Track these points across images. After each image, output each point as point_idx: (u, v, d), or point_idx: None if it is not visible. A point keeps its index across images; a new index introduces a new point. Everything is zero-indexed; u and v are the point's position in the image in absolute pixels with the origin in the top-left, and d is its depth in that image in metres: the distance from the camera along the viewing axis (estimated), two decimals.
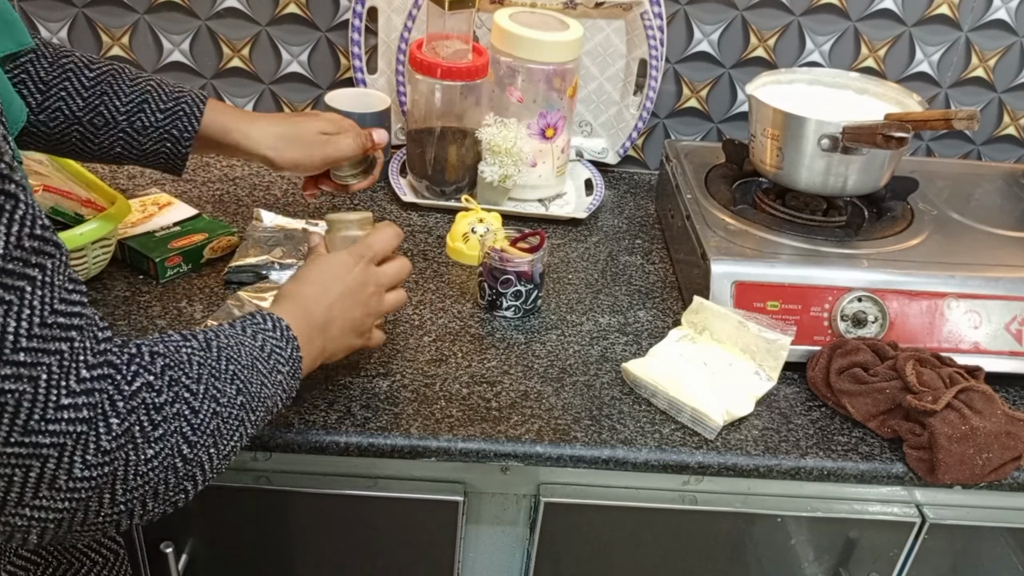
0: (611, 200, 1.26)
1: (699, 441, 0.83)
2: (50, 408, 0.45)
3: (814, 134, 0.98)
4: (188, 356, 0.56)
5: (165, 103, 0.82)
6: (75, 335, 0.47)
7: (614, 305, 1.02)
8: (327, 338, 0.73)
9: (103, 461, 0.48)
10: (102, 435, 0.47)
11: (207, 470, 0.56)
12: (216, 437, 0.56)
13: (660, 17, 1.20)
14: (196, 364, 0.56)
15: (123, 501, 0.50)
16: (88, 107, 0.79)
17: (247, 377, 0.60)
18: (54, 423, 0.45)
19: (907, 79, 1.28)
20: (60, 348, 0.46)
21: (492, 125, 1.12)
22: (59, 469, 0.46)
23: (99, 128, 0.81)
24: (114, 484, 0.49)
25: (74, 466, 0.46)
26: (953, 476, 0.80)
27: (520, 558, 0.94)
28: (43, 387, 0.45)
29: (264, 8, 1.22)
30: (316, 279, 0.75)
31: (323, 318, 0.73)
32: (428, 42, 1.11)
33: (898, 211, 1.08)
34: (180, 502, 0.55)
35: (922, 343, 0.93)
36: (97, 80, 0.80)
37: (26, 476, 0.45)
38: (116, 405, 0.48)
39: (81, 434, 0.46)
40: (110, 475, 0.48)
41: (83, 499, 0.48)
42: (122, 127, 0.81)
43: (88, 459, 0.47)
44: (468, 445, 0.80)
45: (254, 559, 0.91)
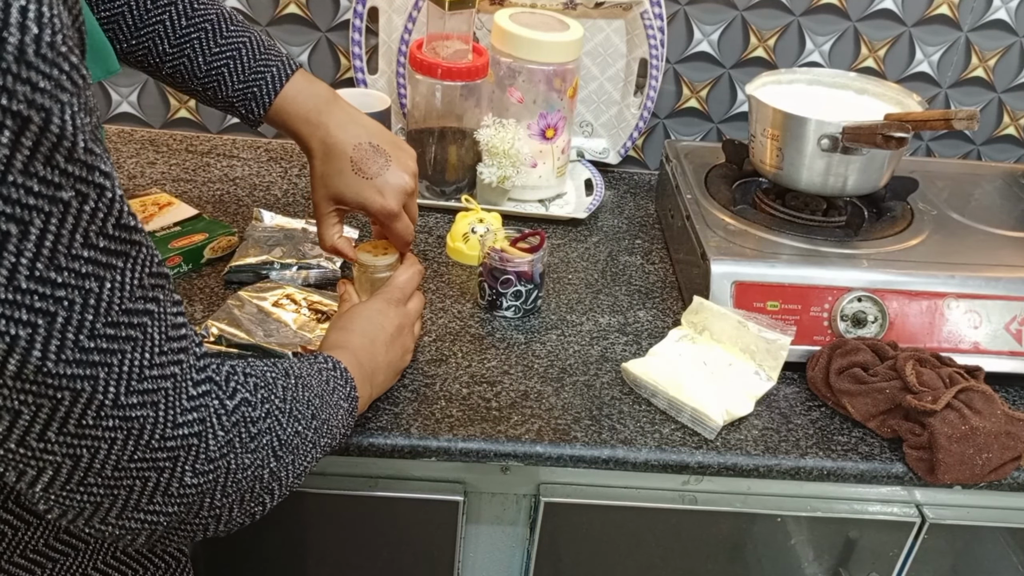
0: (611, 200, 1.26)
1: (699, 441, 0.83)
2: (168, 427, 0.48)
3: (814, 134, 0.98)
4: (273, 379, 0.59)
5: (244, 74, 0.81)
6: (183, 357, 0.49)
7: (614, 305, 1.02)
8: (374, 384, 0.78)
9: (209, 468, 0.51)
10: (211, 445, 0.51)
11: (283, 485, 0.59)
12: (296, 455, 0.60)
13: (660, 17, 1.20)
14: (281, 387, 0.59)
15: (219, 506, 0.53)
16: (169, 61, 0.80)
17: (320, 405, 0.64)
18: (171, 439, 0.48)
19: (907, 79, 1.28)
20: (174, 372, 0.48)
21: (490, 126, 1.12)
22: (172, 478, 0.49)
23: (177, 83, 0.82)
24: (215, 490, 0.52)
25: (185, 474, 0.50)
26: (953, 476, 0.80)
27: (520, 558, 0.94)
28: (162, 409, 0.47)
29: (264, 8, 1.22)
30: (360, 329, 0.78)
31: (371, 366, 0.76)
32: (428, 42, 1.11)
33: (898, 211, 1.08)
34: (257, 514, 0.58)
35: (922, 343, 0.93)
36: (185, 37, 0.80)
37: (144, 485, 0.48)
38: (220, 418, 0.51)
39: (192, 446, 0.49)
40: (213, 481, 0.52)
41: (190, 504, 0.51)
42: (196, 89, 0.82)
43: (198, 467, 0.50)
44: (468, 445, 0.80)
45: (254, 559, 0.91)
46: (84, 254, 0.41)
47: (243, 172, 1.22)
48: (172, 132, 1.30)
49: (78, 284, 0.41)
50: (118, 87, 1.27)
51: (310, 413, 0.62)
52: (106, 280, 0.43)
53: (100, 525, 0.49)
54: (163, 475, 0.49)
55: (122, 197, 0.43)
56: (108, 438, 0.45)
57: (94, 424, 0.44)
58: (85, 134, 0.40)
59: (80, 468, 0.45)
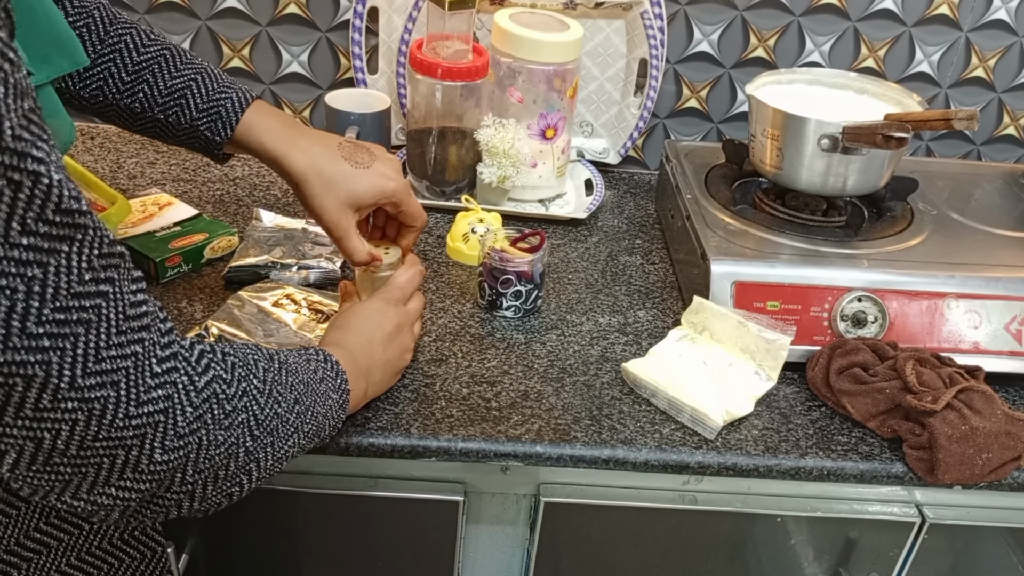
0: (611, 200, 1.26)
1: (699, 441, 0.83)
2: (132, 405, 0.48)
3: (814, 134, 0.98)
4: (255, 361, 0.59)
5: (204, 101, 0.80)
6: (145, 335, 0.49)
7: (614, 305, 1.02)
8: (370, 382, 0.77)
9: (179, 445, 0.51)
10: (179, 421, 0.50)
11: (262, 467, 0.59)
12: (275, 436, 0.59)
13: (660, 17, 1.20)
14: (262, 369, 0.59)
15: (191, 482, 0.53)
16: (128, 91, 0.79)
17: (304, 391, 0.63)
18: (136, 418, 0.48)
19: (907, 79, 1.28)
20: (135, 351, 0.48)
21: (490, 126, 1.12)
22: (141, 455, 0.49)
23: (136, 113, 0.80)
24: (186, 465, 0.52)
25: (155, 451, 0.50)
26: (953, 476, 0.80)
27: (520, 558, 0.94)
28: (124, 389, 0.47)
29: (264, 8, 1.22)
30: (357, 328, 0.78)
31: (367, 363, 0.76)
32: (428, 42, 1.11)
33: (898, 211, 1.08)
34: (235, 495, 0.58)
35: (922, 343, 0.93)
36: (143, 65, 0.79)
37: (112, 463, 0.48)
38: (189, 394, 0.51)
39: (159, 423, 0.49)
40: (184, 457, 0.52)
41: (160, 479, 0.51)
42: (157, 117, 0.80)
43: (167, 443, 0.50)
44: (468, 445, 0.80)
45: (254, 559, 0.91)
46: (23, 242, 0.41)
47: (243, 172, 1.22)
48: None
49: (19, 272, 0.41)
50: None
51: (293, 397, 0.61)
52: (50, 266, 0.42)
53: (72, 500, 0.50)
54: (131, 452, 0.49)
55: (61, 181, 0.42)
56: (69, 419, 0.45)
57: (52, 407, 0.44)
58: (13, 120, 0.39)
59: (43, 449, 0.46)
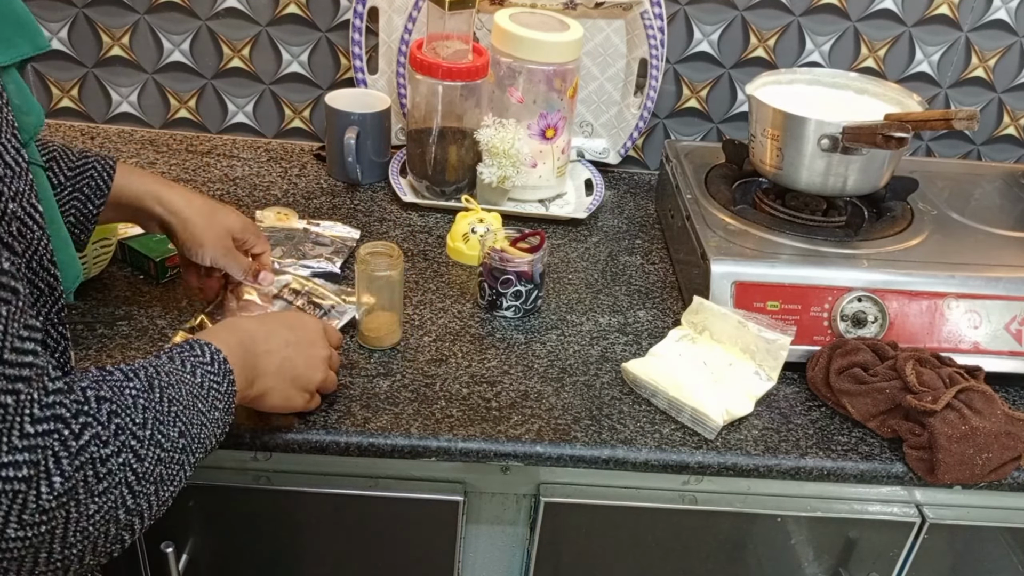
0: (611, 200, 1.26)
1: (699, 441, 0.83)
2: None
3: (814, 134, 0.98)
4: (133, 399, 0.54)
5: (74, 162, 0.78)
6: (22, 387, 0.44)
7: (614, 305, 1.02)
8: (260, 373, 0.72)
9: (40, 520, 0.45)
10: (43, 494, 0.45)
11: (146, 517, 0.55)
12: (158, 484, 0.55)
13: (660, 17, 1.20)
14: (141, 408, 0.54)
15: (60, 558, 0.48)
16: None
17: (188, 418, 0.59)
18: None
19: (907, 79, 1.28)
20: (5, 401, 0.43)
21: (491, 126, 1.12)
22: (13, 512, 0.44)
23: None
24: (51, 543, 0.47)
25: (8, 526, 0.44)
26: (953, 476, 0.80)
27: (520, 558, 0.94)
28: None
29: (264, 8, 1.22)
30: (266, 320, 0.75)
31: (261, 350, 0.71)
32: (428, 42, 1.11)
33: (898, 211, 1.08)
34: (116, 551, 0.53)
35: (922, 343, 0.93)
36: None
37: None
38: (61, 462, 0.46)
39: (19, 493, 0.44)
40: (47, 534, 0.46)
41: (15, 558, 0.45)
42: None
43: (25, 519, 0.44)
44: (468, 445, 0.80)
45: (254, 559, 0.91)
46: None
47: (243, 172, 1.22)
48: (172, 132, 1.30)
49: None
50: (118, 87, 1.27)
51: (176, 431, 0.57)
52: None
53: None
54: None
55: None
56: None
57: None
58: None
59: None
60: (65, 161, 0.78)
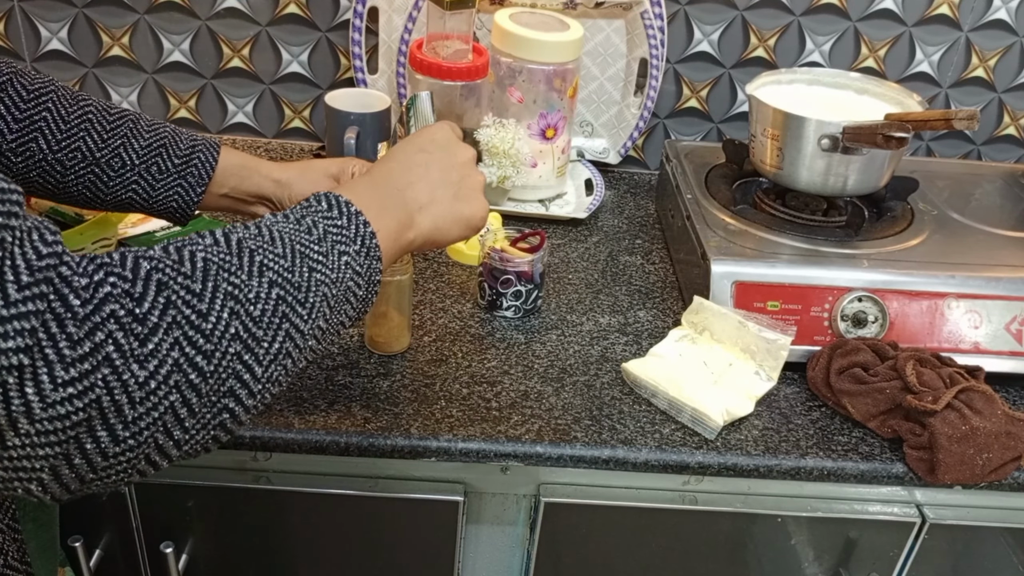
0: (611, 200, 1.26)
1: (699, 441, 0.83)
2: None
3: (814, 134, 0.98)
4: (191, 254, 0.47)
5: (181, 150, 0.81)
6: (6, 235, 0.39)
7: (614, 305, 1.02)
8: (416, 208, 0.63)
9: (67, 395, 0.41)
10: (54, 363, 0.40)
11: (247, 380, 0.48)
12: (246, 341, 0.47)
13: (660, 17, 1.20)
14: (201, 261, 0.47)
15: (129, 435, 0.43)
16: (107, 148, 0.78)
17: (284, 267, 0.51)
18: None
19: (907, 79, 1.28)
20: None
21: (490, 126, 1.12)
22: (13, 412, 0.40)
23: (115, 170, 0.79)
24: (104, 416, 0.42)
25: (31, 407, 0.40)
26: (953, 476, 0.80)
27: (520, 558, 0.94)
28: None
29: (264, 8, 1.22)
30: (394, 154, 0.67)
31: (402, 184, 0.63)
32: (428, 42, 1.11)
33: (898, 211, 1.08)
34: (227, 423, 0.48)
35: (922, 343, 0.93)
36: (116, 124, 0.79)
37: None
38: (65, 326, 0.40)
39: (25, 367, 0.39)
40: (89, 406, 0.41)
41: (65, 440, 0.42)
42: (139, 171, 0.79)
43: (46, 395, 0.40)
44: (468, 445, 0.80)
45: (254, 559, 0.91)
46: None
47: None
48: None
49: None
50: (118, 87, 1.27)
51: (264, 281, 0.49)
52: None
53: None
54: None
55: None
56: None
57: None
58: None
59: None
60: (174, 148, 0.80)
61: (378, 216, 0.59)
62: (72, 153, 0.77)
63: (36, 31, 1.21)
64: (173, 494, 0.85)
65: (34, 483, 0.43)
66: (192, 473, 0.85)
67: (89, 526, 0.87)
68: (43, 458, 0.42)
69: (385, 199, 0.62)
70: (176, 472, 0.84)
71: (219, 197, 0.83)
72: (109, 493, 0.85)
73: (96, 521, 0.87)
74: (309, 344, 0.53)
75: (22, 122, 0.74)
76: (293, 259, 0.52)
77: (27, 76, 0.76)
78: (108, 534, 0.88)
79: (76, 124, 0.77)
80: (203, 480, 0.84)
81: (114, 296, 0.42)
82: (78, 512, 0.86)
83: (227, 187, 0.82)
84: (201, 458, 0.84)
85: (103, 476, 0.45)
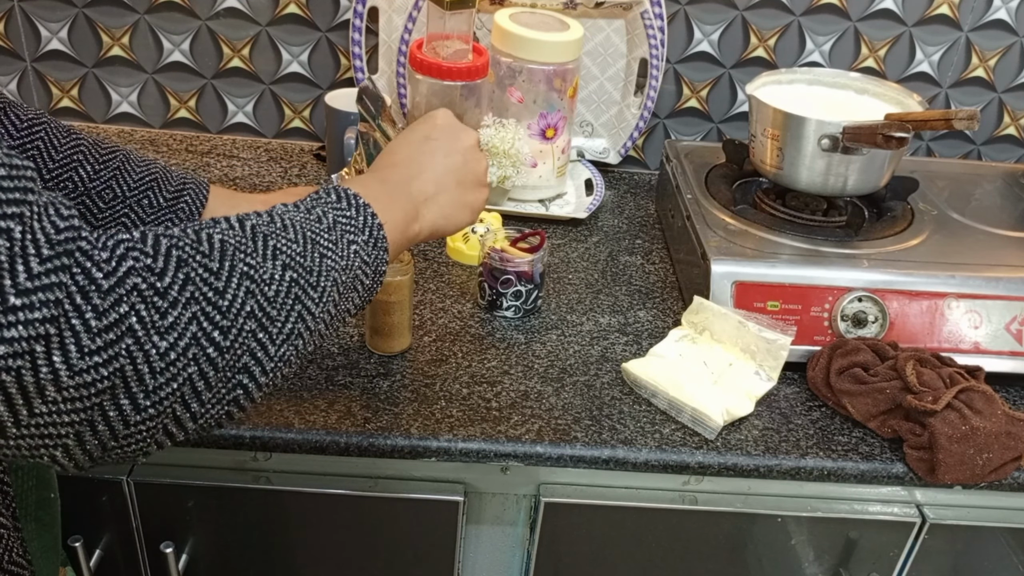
0: (611, 200, 1.26)
1: (699, 441, 0.83)
2: None
3: (814, 134, 0.98)
4: (208, 236, 0.48)
5: (173, 185, 0.82)
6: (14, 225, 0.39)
7: (614, 305, 1.02)
8: (422, 200, 0.65)
9: (93, 364, 0.42)
10: (80, 333, 0.41)
11: (261, 357, 0.50)
12: (260, 320, 0.49)
13: (660, 17, 1.20)
14: (218, 242, 0.48)
15: (150, 404, 0.45)
16: (99, 179, 0.79)
17: (297, 252, 0.53)
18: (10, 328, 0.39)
19: (907, 79, 1.28)
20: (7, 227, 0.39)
21: (491, 126, 1.12)
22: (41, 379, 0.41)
23: (106, 202, 0.80)
24: (127, 384, 0.44)
25: (59, 374, 0.41)
26: (953, 476, 0.80)
27: (520, 558, 0.94)
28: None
29: (264, 8, 1.22)
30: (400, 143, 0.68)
31: (409, 176, 0.65)
32: (428, 42, 1.11)
33: (898, 211, 1.08)
34: (241, 398, 0.50)
35: (922, 343, 0.93)
36: (109, 157, 0.80)
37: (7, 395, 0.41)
38: (90, 297, 0.42)
39: (52, 336, 0.40)
40: (114, 374, 0.43)
41: (90, 406, 0.43)
42: (129, 204, 0.80)
43: (73, 363, 0.41)
44: (468, 445, 0.80)
45: (254, 559, 0.91)
46: None
47: (243, 172, 1.22)
48: (172, 132, 1.30)
49: None
50: (118, 87, 1.27)
51: (279, 264, 0.51)
52: None
53: None
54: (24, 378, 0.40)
55: None
56: None
57: None
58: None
59: None
60: (165, 184, 0.82)
61: (385, 209, 0.61)
62: (64, 183, 0.78)
63: (36, 31, 1.21)
64: (173, 494, 0.85)
65: (59, 449, 0.44)
66: (192, 473, 0.85)
67: (89, 526, 0.87)
68: (69, 424, 0.43)
69: (392, 192, 0.63)
70: (176, 472, 0.84)
71: None
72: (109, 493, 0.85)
73: (96, 521, 0.87)
74: (319, 327, 0.54)
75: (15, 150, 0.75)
76: (305, 245, 0.53)
77: (20, 108, 0.76)
78: (108, 534, 0.88)
79: (69, 155, 0.78)
80: (203, 480, 0.84)
81: (136, 270, 0.44)
82: (78, 512, 0.86)
83: None
84: (201, 458, 0.84)
85: (124, 444, 0.46)
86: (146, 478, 0.84)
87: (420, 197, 0.66)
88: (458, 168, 0.69)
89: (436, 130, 0.70)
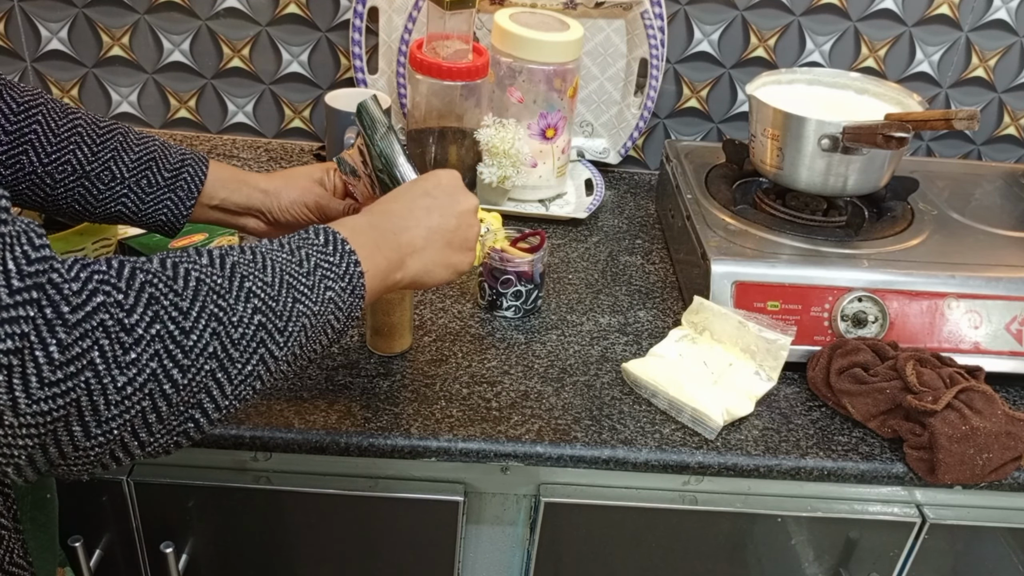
0: (611, 200, 1.26)
1: (699, 441, 0.83)
2: None
3: (814, 134, 0.98)
4: (185, 272, 0.49)
5: (171, 163, 0.81)
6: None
7: (614, 305, 1.02)
8: (409, 251, 0.66)
9: (51, 394, 0.43)
10: (42, 365, 0.42)
11: (216, 396, 0.51)
12: (221, 361, 0.50)
13: (660, 17, 1.20)
14: (194, 280, 0.49)
15: (101, 433, 0.46)
16: (98, 161, 0.78)
17: (271, 295, 0.53)
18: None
19: (907, 79, 1.28)
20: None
21: (491, 126, 1.12)
22: None
23: (105, 183, 0.79)
24: (82, 414, 0.44)
25: (18, 402, 0.42)
26: (953, 476, 0.80)
27: (520, 558, 0.94)
28: None
29: (264, 8, 1.22)
30: (401, 194, 0.70)
31: (400, 227, 0.66)
32: (428, 42, 1.11)
33: (898, 211, 1.08)
34: (191, 431, 0.51)
35: (922, 343, 0.93)
36: (106, 137, 0.79)
37: None
38: (55, 331, 0.42)
39: (15, 366, 0.41)
40: (70, 404, 0.44)
41: (44, 433, 0.44)
42: (129, 184, 0.80)
43: (32, 393, 0.42)
44: (468, 445, 0.80)
45: (254, 559, 0.91)
46: None
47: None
48: (172, 132, 1.30)
49: None
50: (118, 87, 1.27)
51: (249, 307, 0.52)
52: None
53: None
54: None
55: None
56: None
57: None
58: None
59: None
60: (164, 162, 0.80)
61: (370, 255, 0.62)
62: (62, 166, 0.77)
63: (36, 31, 1.21)
64: (173, 494, 0.85)
65: (11, 467, 0.45)
66: (192, 473, 0.85)
67: (89, 526, 0.87)
68: (22, 447, 0.44)
69: (380, 239, 0.64)
70: (176, 472, 0.84)
71: (208, 209, 0.83)
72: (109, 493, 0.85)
73: (96, 521, 0.87)
74: (281, 368, 0.55)
75: (12, 134, 0.74)
76: (280, 288, 0.54)
77: (16, 88, 0.75)
78: (108, 534, 0.88)
79: (66, 136, 0.77)
80: (203, 480, 0.84)
81: (105, 305, 0.45)
82: (78, 512, 0.86)
83: (216, 199, 0.82)
84: (201, 458, 0.84)
85: (71, 464, 0.47)
86: (146, 478, 0.84)
87: (408, 248, 0.67)
88: (450, 230, 0.70)
89: (438, 189, 0.72)
